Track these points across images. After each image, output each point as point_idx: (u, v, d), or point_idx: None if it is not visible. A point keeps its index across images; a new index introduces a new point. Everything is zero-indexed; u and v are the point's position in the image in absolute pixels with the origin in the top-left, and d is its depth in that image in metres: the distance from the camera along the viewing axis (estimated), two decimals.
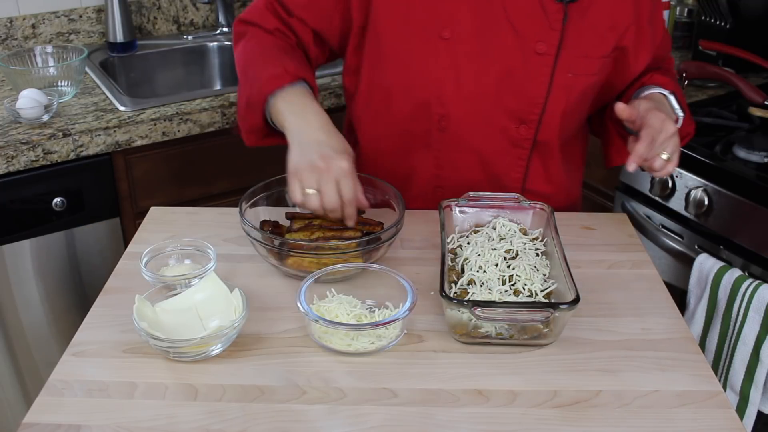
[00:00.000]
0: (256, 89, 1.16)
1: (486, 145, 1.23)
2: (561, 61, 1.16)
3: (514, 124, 1.21)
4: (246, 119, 1.21)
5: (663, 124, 1.09)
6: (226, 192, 1.92)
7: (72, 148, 1.67)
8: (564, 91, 1.19)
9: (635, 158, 1.07)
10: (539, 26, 1.14)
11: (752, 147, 1.64)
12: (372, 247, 1.08)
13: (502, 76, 1.17)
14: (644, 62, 1.25)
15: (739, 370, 1.53)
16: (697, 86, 1.97)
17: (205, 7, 2.34)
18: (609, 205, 1.91)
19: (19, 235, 1.69)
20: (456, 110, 1.20)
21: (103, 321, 1.03)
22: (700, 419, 0.88)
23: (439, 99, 1.19)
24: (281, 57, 1.19)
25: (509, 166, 1.26)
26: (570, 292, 0.95)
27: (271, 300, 1.07)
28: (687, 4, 2.24)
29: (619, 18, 1.18)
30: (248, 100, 1.18)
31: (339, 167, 1.05)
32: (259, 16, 1.26)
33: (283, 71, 1.15)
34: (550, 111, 1.20)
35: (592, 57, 1.19)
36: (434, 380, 0.93)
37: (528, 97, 1.19)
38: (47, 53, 1.96)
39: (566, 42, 1.15)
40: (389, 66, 1.20)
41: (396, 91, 1.22)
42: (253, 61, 1.21)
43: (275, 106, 1.15)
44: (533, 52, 1.15)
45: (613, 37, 1.18)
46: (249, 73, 1.20)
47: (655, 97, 1.19)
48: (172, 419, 0.86)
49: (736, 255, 1.57)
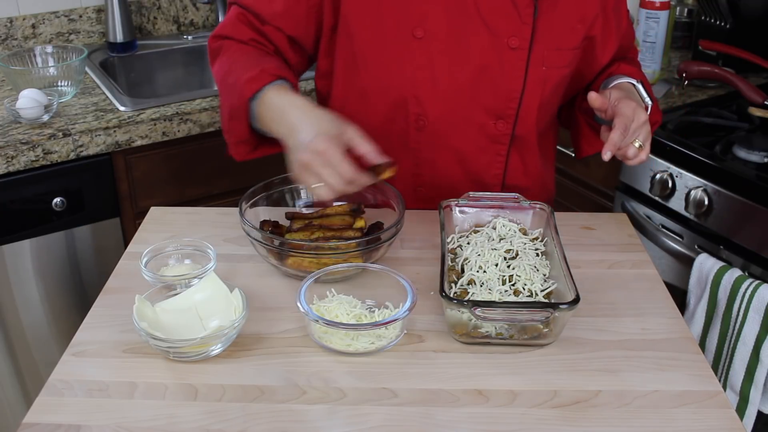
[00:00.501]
0: (236, 96, 1.13)
1: (464, 142, 1.24)
2: (534, 55, 1.17)
3: (492, 120, 1.21)
4: (232, 131, 1.18)
5: (635, 112, 1.10)
6: (226, 192, 1.92)
7: (72, 148, 1.67)
8: (539, 84, 1.20)
9: (610, 146, 1.07)
10: (511, 21, 1.15)
11: (752, 147, 1.64)
12: (372, 247, 1.08)
13: (478, 73, 1.17)
14: (611, 51, 1.27)
15: (739, 370, 1.53)
16: (697, 86, 1.97)
17: (205, 7, 2.35)
18: (609, 205, 1.91)
19: (19, 235, 1.69)
20: (433, 109, 1.20)
21: (103, 321, 1.03)
22: (700, 419, 0.88)
23: (416, 98, 1.19)
24: (258, 60, 1.16)
25: (489, 163, 1.26)
26: (570, 292, 0.95)
27: (271, 300, 1.07)
28: (687, 4, 2.24)
29: (587, 9, 1.20)
30: (230, 110, 1.15)
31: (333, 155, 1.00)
32: (232, 28, 1.22)
33: (260, 71, 1.12)
34: (527, 105, 1.20)
35: (564, 49, 1.20)
36: (434, 380, 0.93)
37: (504, 93, 1.19)
38: (47, 53, 1.96)
39: (538, 35, 1.16)
40: (363, 67, 1.20)
41: (371, 92, 1.22)
42: (231, 70, 1.17)
43: (259, 112, 1.11)
44: (506, 47, 1.16)
45: (582, 28, 1.20)
46: (228, 81, 1.16)
47: (623, 86, 1.20)
48: (172, 419, 0.86)
49: (736, 255, 1.57)
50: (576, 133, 1.34)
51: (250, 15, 1.21)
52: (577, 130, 1.33)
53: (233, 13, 1.23)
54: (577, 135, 1.34)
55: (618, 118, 1.09)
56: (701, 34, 2.08)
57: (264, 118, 1.11)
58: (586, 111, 1.28)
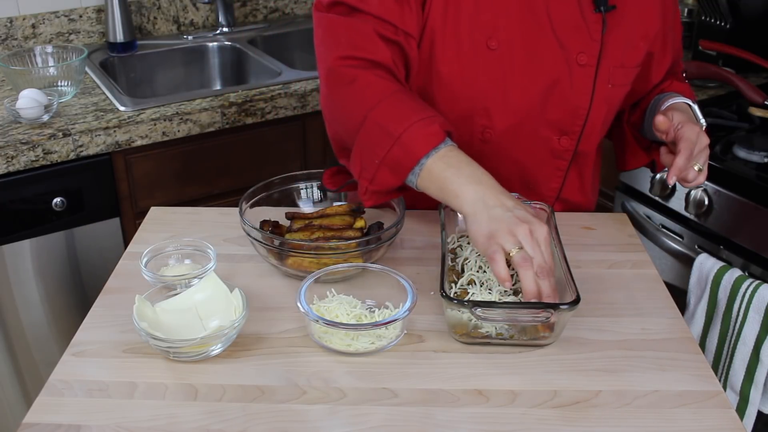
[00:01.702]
0: (402, 149, 1.00)
1: (527, 156, 1.22)
2: (601, 72, 1.16)
3: (557, 136, 1.20)
4: (378, 181, 1.05)
5: (698, 137, 1.10)
6: (226, 192, 1.92)
7: (72, 148, 1.67)
8: (604, 101, 1.19)
9: (675, 171, 1.08)
10: (581, 37, 1.14)
11: (752, 147, 1.64)
12: (372, 247, 1.08)
13: (548, 88, 1.16)
14: (665, 68, 1.26)
15: (739, 370, 1.53)
16: (697, 86, 1.97)
17: (205, 7, 2.35)
18: (609, 205, 1.91)
19: (19, 235, 1.69)
20: (501, 122, 1.18)
21: (103, 321, 1.03)
22: (700, 419, 0.88)
23: (485, 110, 1.17)
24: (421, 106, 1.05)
25: (548, 177, 1.25)
26: (570, 292, 0.95)
27: (271, 300, 1.07)
28: (687, 4, 2.24)
29: (650, 25, 1.19)
30: (387, 160, 1.02)
31: (541, 232, 0.94)
32: (371, 47, 1.08)
33: (437, 128, 1.01)
34: (592, 122, 1.19)
35: (628, 66, 1.19)
36: (434, 380, 0.93)
37: (571, 109, 1.18)
38: (47, 53, 1.96)
39: (605, 52, 1.15)
40: (436, 75, 1.16)
41: (441, 101, 1.17)
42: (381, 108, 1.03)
43: (429, 169, 1.00)
44: (576, 63, 1.15)
45: (645, 45, 1.19)
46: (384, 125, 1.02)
47: (681, 107, 1.18)
48: (172, 419, 0.86)
49: (736, 255, 1.57)
50: (621, 146, 1.33)
51: (383, 25, 1.09)
52: (623, 143, 1.32)
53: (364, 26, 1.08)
54: (622, 148, 1.33)
55: (683, 142, 1.08)
56: (701, 34, 2.08)
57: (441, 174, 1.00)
58: (633, 125, 1.27)
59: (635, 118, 1.28)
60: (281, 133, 1.95)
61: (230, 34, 2.34)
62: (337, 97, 1.10)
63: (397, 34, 1.10)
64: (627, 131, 1.30)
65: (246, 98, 1.85)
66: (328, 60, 1.10)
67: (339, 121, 1.12)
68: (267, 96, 1.88)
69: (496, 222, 0.94)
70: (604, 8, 1.12)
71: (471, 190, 0.98)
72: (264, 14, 2.48)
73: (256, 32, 2.37)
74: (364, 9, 1.08)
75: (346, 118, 1.09)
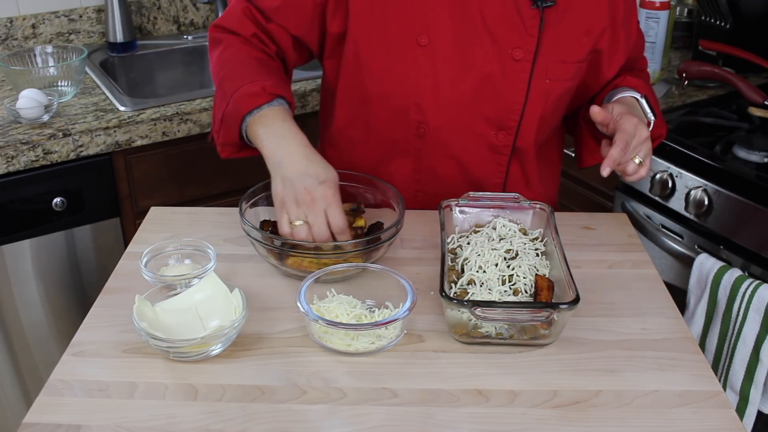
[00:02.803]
0: (233, 106, 1.13)
1: (465, 151, 1.23)
2: (538, 67, 1.16)
3: (493, 131, 1.21)
4: (221, 133, 1.19)
5: (636, 128, 1.09)
6: (226, 192, 1.92)
7: (72, 148, 1.67)
8: (541, 97, 1.18)
9: (609, 162, 1.06)
10: (516, 32, 1.14)
11: (752, 147, 1.64)
12: (372, 247, 1.08)
13: (480, 83, 1.17)
14: (618, 64, 1.25)
15: (739, 370, 1.53)
16: (697, 86, 1.97)
17: (205, 7, 2.35)
18: (609, 205, 1.91)
19: (19, 235, 1.69)
20: (434, 117, 1.19)
21: (103, 321, 1.03)
22: (700, 419, 0.88)
23: (417, 106, 1.19)
24: (258, 71, 1.16)
25: (489, 172, 1.26)
26: (570, 292, 0.95)
27: (271, 300, 1.07)
28: (687, 4, 2.24)
29: (594, 21, 1.18)
30: (224, 116, 1.16)
31: (323, 197, 1.04)
32: (237, 22, 1.22)
33: (260, 89, 1.12)
34: (528, 117, 1.19)
35: (569, 62, 1.18)
36: (434, 380, 0.93)
37: (506, 104, 1.18)
38: (47, 53, 1.96)
39: (543, 48, 1.15)
40: (366, 72, 1.19)
41: (373, 98, 1.21)
42: (230, 73, 1.17)
43: (252, 128, 1.12)
44: (510, 58, 1.15)
45: (589, 41, 1.18)
46: (225, 87, 1.16)
47: (627, 100, 1.19)
48: (172, 419, 0.86)
49: (736, 255, 1.57)
50: (579, 143, 1.33)
51: (255, 10, 1.21)
52: (580, 139, 1.32)
53: (238, 6, 1.22)
54: (579, 145, 1.33)
55: (619, 133, 1.08)
56: (701, 34, 2.08)
57: (257, 135, 1.12)
58: (590, 122, 1.27)
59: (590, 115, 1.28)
60: None
61: None
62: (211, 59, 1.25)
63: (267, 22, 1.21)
64: (583, 128, 1.30)
65: None
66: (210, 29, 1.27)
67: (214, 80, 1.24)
68: None
69: (286, 189, 1.06)
70: (542, 3, 1.12)
71: (273, 152, 1.09)
72: None
73: None
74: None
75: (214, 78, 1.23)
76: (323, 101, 1.36)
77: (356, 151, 1.29)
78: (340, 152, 1.32)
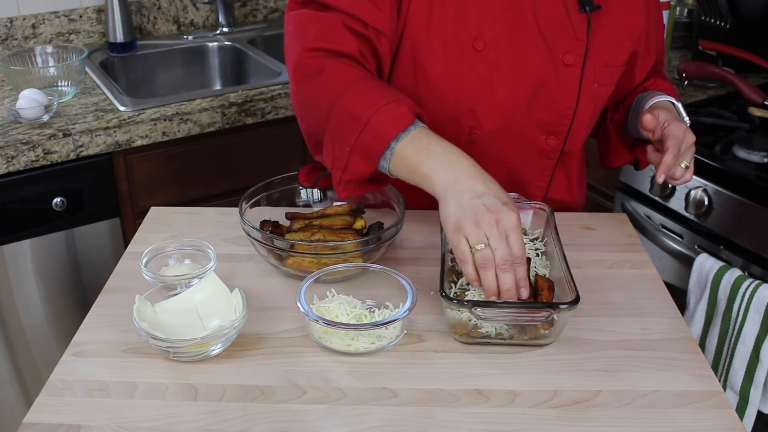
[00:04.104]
0: (369, 134, 1.00)
1: (514, 156, 1.22)
2: (587, 72, 1.16)
3: (544, 136, 1.20)
4: (350, 169, 1.04)
5: (685, 134, 1.10)
6: (226, 192, 1.92)
7: (72, 148, 1.67)
8: (590, 101, 1.19)
9: (664, 169, 1.08)
10: (567, 37, 1.14)
11: (752, 147, 1.64)
12: (372, 247, 1.08)
13: (534, 89, 1.16)
14: (649, 66, 1.26)
15: (739, 370, 1.53)
16: (697, 86, 1.97)
17: (205, 7, 2.35)
18: (609, 205, 1.91)
19: (19, 235, 1.69)
20: (488, 123, 1.18)
21: (103, 321, 1.03)
22: (700, 419, 0.88)
23: (472, 111, 1.17)
24: (389, 91, 1.04)
25: (535, 176, 1.25)
26: (570, 292, 0.95)
27: (271, 300, 1.07)
28: (687, 4, 2.24)
29: (634, 25, 1.19)
30: (355, 146, 1.01)
31: (509, 220, 0.92)
32: (338, 38, 1.08)
33: (406, 110, 1.00)
34: (578, 122, 1.20)
35: (613, 66, 1.19)
36: (434, 380, 0.93)
37: (558, 109, 1.18)
38: (47, 53, 1.96)
39: (590, 52, 1.15)
40: (422, 76, 1.16)
41: (427, 102, 1.17)
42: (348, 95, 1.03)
43: (400, 153, 0.99)
44: (562, 63, 1.15)
45: (629, 44, 1.19)
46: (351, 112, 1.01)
47: (665, 105, 1.19)
48: (172, 419, 0.86)
49: (736, 255, 1.57)
50: (605, 144, 1.33)
51: (352, 21, 1.09)
52: (607, 141, 1.32)
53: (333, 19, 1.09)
54: (606, 146, 1.33)
55: (671, 140, 1.08)
56: (701, 34, 2.08)
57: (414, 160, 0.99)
58: (617, 123, 1.27)
59: (619, 116, 1.29)
60: (281, 133, 1.95)
61: (230, 34, 2.34)
62: (305, 88, 1.09)
63: (366, 29, 1.09)
64: (611, 129, 1.30)
65: (246, 98, 1.85)
66: (296, 52, 1.10)
67: (309, 113, 1.12)
68: (267, 96, 1.88)
69: (463, 210, 0.93)
70: (590, 8, 1.13)
71: (442, 173, 0.97)
72: (264, 14, 2.48)
73: (256, 32, 2.37)
74: (336, 6, 1.09)
75: (316, 109, 1.08)
76: None
77: None
78: None
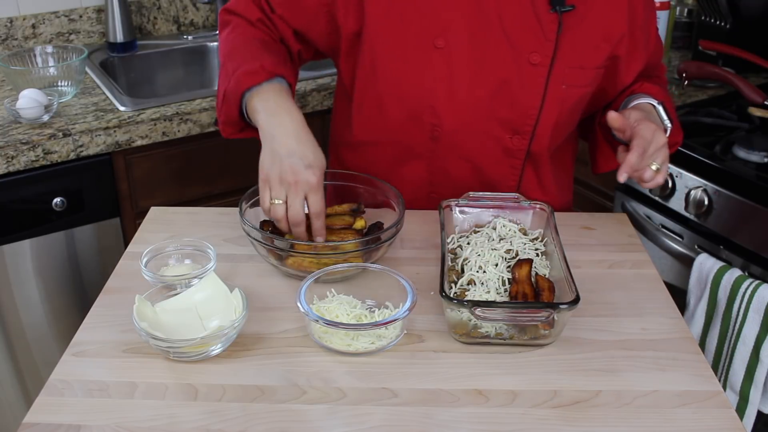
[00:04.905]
0: (233, 83, 1.15)
1: (480, 154, 1.23)
2: (555, 73, 1.15)
3: (508, 135, 1.20)
4: (223, 111, 1.21)
5: (654, 135, 1.08)
6: (227, 192, 1.92)
7: (72, 148, 1.67)
8: (557, 102, 1.18)
9: (626, 168, 1.06)
10: (534, 37, 1.14)
11: (752, 147, 1.64)
12: (372, 247, 1.08)
13: (497, 87, 1.16)
14: (636, 70, 1.24)
15: (738, 370, 1.53)
16: (697, 86, 1.97)
17: (205, 7, 2.35)
18: (609, 205, 1.91)
19: (19, 235, 1.69)
20: (449, 120, 1.19)
21: (103, 321, 1.03)
22: (700, 419, 0.88)
23: (432, 109, 1.18)
24: (260, 52, 1.19)
25: (503, 175, 1.25)
26: (570, 292, 0.95)
27: (271, 300, 1.07)
28: (687, 4, 2.24)
29: (613, 28, 1.17)
30: (225, 94, 1.18)
31: (306, 181, 1.05)
32: (244, 6, 1.25)
33: (259, 67, 1.14)
34: (543, 122, 1.19)
35: (587, 68, 1.18)
36: (434, 380, 0.93)
37: (522, 109, 1.18)
38: (47, 53, 1.96)
39: (560, 53, 1.14)
40: (381, 74, 1.19)
41: (388, 100, 1.21)
42: (233, 53, 1.20)
43: (250, 103, 1.14)
44: (527, 62, 1.14)
45: (607, 47, 1.18)
46: (228, 66, 1.19)
47: (644, 107, 1.18)
48: (172, 419, 0.86)
49: (736, 255, 1.57)
50: (593, 148, 1.33)
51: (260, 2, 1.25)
52: (595, 145, 1.32)
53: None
54: (594, 150, 1.33)
55: (636, 139, 1.07)
56: (701, 34, 2.08)
57: (254, 109, 1.13)
58: (605, 127, 1.27)
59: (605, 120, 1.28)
60: None
61: None
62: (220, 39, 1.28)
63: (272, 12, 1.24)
64: (598, 133, 1.29)
65: None
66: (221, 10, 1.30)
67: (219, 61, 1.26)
68: None
69: (272, 165, 1.07)
70: (560, 8, 1.12)
71: (267, 125, 1.10)
72: None
73: None
74: None
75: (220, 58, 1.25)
76: (337, 103, 1.36)
77: (370, 153, 1.29)
78: (353, 154, 1.32)
